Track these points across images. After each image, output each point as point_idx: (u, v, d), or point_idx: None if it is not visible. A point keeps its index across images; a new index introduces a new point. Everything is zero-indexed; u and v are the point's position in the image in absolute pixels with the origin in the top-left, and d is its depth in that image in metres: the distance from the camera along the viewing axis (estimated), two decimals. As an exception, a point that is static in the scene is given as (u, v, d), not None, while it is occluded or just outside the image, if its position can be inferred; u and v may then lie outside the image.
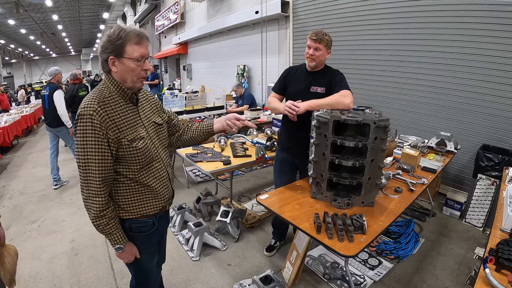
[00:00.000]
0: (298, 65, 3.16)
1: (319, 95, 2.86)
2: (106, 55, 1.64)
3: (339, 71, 3.03)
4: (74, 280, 3.23)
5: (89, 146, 1.59)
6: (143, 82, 1.78)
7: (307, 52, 2.90)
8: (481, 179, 3.97)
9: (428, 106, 4.95)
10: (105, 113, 1.61)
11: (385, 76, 5.50)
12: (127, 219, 1.84)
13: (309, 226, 2.18)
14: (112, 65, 1.65)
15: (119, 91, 1.71)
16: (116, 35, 1.62)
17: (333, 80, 2.88)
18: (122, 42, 1.61)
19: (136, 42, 1.64)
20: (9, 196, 5.57)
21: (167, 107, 7.04)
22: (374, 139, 2.23)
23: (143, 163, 1.77)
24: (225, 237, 3.86)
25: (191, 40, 13.92)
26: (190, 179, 5.88)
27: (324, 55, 2.90)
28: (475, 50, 4.26)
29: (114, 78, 1.70)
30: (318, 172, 2.52)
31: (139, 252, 1.95)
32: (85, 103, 1.59)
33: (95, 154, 1.61)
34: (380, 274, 3.15)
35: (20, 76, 42.92)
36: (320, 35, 2.84)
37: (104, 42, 1.64)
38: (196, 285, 3.11)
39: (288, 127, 3.15)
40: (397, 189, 2.77)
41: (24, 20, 24.92)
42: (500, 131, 4.19)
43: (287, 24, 7.85)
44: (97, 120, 1.57)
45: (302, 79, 3.01)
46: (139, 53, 1.65)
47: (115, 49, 1.62)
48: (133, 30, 1.65)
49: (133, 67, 1.66)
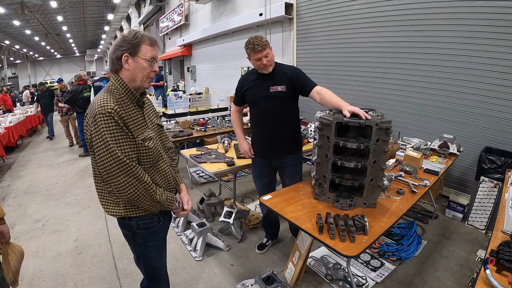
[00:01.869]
0: (248, 72, 3.18)
1: (280, 93, 2.92)
2: (120, 53, 1.71)
3: (293, 66, 3.05)
4: (78, 279, 3.26)
5: (117, 137, 1.64)
6: (150, 84, 1.85)
7: (259, 64, 2.86)
8: (483, 182, 3.96)
9: (431, 108, 4.95)
10: (121, 112, 1.67)
11: (388, 78, 5.50)
12: (135, 217, 1.87)
13: (312, 226, 2.20)
14: (125, 62, 1.72)
15: (127, 93, 1.76)
16: (132, 35, 1.72)
17: (296, 79, 2.90)
18: (138, 41, 1.71)
19: (149, 44, 1.76)
20: (13, 195, 5.61)
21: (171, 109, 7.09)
22: (376, 141, 2.25)
23: (152, 161, 1.84)
24: (228, 238, 3.87)
25: (195, 42, 13.92)
26: (194, 180, 5.89)
27: (273, 54, 2.91)
28: (478, 53, 4.25)
29: (121, 79, 1.75)
30: (320, 173, 2.53)
31: (148, 250, 2.03)
32: (101, 102, 1.64)
33: (127, 143, 1.68)
34: (382, 276, 3.16)
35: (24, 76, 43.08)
36: (260, 42, 2.79)
37: (119, 41, 1.73)
38: (199, 285, 3.12)
39: (259, 131, 3.19)
40: (399, 191, 2.78)
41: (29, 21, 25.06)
42: (503, 134, 4.18)
43: (291, 26, 7.86)
44: (117, 117, 1.64)
45: (258, 83, 3.01)
46: (151, 54, 1.76)
47: (130, 47, 1.71)
48: (147, 34, 1.78)
49: (145, 66, 1.74)
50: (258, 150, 3.26)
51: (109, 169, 1.65)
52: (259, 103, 3.01)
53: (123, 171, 1.66)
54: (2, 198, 5.44)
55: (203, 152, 4.33)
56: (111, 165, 1.64)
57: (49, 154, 8.63)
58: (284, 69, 2.98)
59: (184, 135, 5.49)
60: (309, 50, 7.36)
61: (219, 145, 4.65)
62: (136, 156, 1.74)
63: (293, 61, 7.78)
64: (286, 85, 2.90)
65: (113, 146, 1.62)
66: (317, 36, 7.03)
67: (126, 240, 2.06)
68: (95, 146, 1.66)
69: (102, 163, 1.66)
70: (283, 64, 3.07)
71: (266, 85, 2.94)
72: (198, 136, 5.78)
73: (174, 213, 2.08)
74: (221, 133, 6.15)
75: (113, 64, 1.76)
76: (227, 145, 4.52)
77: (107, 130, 1.61)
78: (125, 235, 2.03)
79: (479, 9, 4.16)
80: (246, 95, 3.11)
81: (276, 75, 2.94)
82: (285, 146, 3.11)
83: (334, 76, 6.58)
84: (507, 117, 4.11)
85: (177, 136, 5.38)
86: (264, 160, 3.26)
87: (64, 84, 9.51)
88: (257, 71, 2.98)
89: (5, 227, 2.28)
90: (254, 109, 3.15)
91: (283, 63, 3.10)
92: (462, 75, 4.48)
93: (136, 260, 2.15)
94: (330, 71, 6.68)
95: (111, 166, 1.65)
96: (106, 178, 1.71)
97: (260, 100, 2.99)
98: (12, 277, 2.31)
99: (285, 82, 2.90)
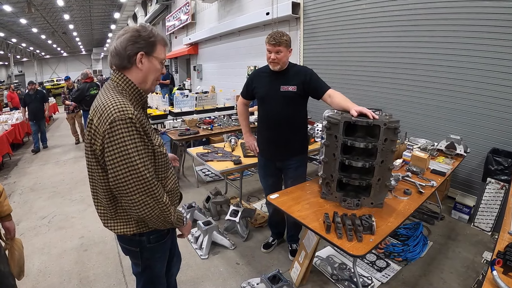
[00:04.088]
0: (262, 67, 3.15)
1: (290, 94, 2.90)
2: (136, 49, 1.54)
3: (307, 67, 3.04)
4: (83, 276, 3.28)
5: (140, 150, 1.46)
6: None
7: (268, 57, 2.87)
8: (490, 183, 3.95)
9: (438, 109, 4.93)
10: (140, 117, 1.50)
11: (396, 78, 5.48)
12: (146, 232, 1.72)
13: (319, 225, 2.20)
14: (139, 61, 1.56)
15: (135, 95, 1.60)
16: (148, 32, 1.56)
17: (309, 81, 2.88)
18: (154, 40, 1.58)
19: (163, 44, 1.64)
20: (19, 192, 5.65)
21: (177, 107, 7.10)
22: (384, 141, 2.25)
23: (165, 169, 1.70)
24: (234, 236, 3.88)
25: (202, 41, 13.94)
26: (200, 178, 5.91)
27: (286, 56, 2.88)
28: (485, 53, 4.23)
29: (130, 79, 1.58)
30: (328, 172, 2.53)
31: (154, 261, 1.87)
32: (119, 106, 1.43)
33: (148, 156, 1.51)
34: (387, 276, 3.16)
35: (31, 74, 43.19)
36: (278, 37, 2.79)
37: (133, 36, 1.53)
38: (205, 283, 3.14)
39: (265, 131, 3.18)
40: (406, 191, 2.78)
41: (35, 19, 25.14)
42: (510, 135, 4.16)
43: (297, 25, 7.86)
44: (138, 124, 1.46)
45: (270, 80, 3.00)
46: (164, 55, 1.65)
47: (147, 45, 1.56)
48: (160, 33, 1.63)
49: (158, 68, 1.63)
50: (263, 149, 3.27)
51: (126, 185, 1.44)
52: (268, 101, 3.00)
53: (143, 189, 1.46)
54: (9, 195, 5.46)
55: (209, 150, 4.33)
56: (129, 181, 1.44)
57: (55, 151, 8.67)
58: (298, 70, 2.97)
59: (190, 134, 5.50)
60: (315, 50, 7.36)
61: (225, 143, 4.65)
62: (154, 168, 1.57)
63: (300, 60, 7.77)
64: (298, 86, 2.88)
65: (136, 159, 1.43)
66: (323, 36, 7.02)
67: (129, 255, 1.89)
68: (109, 158, 1.42)
69: (117, 177, 1.43)
70: (297, 65, 3.07)
71: (277, 84, 2.93)
72: (204, 135, 5.78)
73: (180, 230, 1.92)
74: (228, 132, 6.14)
75: (121, 60, 1.55)
76: (234, 144, 4.52)
77: (129, 140, 1.42)
78: (128, 250, 1.83)
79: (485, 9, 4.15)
80: (255, 90, 3.11)
81: (288, 75, 2.93)
82: (290, 148, 3.10)
83: (340, 75, 6.58)
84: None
85: (184, 135, 5.39)
86: (269, 160, 3.26)
87: (71, 82, 9.52)
88: (270, 68, 2.96)
89: (11, 223, 2.32)
90: (262, 107, 3.14)
91: (296, 64, 3.09)
92: (469, 76, 4.46)
93: (138, 272, 1.93)
94: (337, 70, 6.68)
95: (129, 182, 1.44)
96: (118, 194, 1.50)
97: (269, 98, 2.99)
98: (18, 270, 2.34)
99: (297, 83, 2.88)
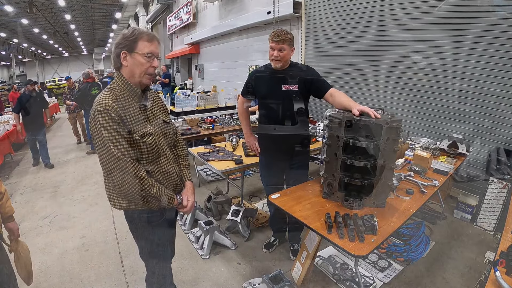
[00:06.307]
0: (263, 66, 3.14)
1: (291, 93, 2.89)
2: (119, 50, 1.79)
3: (308, 66, 3.03)
4: (85, 276, 3.27)
5: (113, 134, 1.69)
6: (150, 80, 1.92)
7: (271, 54, 2.86)
8: (492, 183, 3.93)
9: (440, 108, 4.90)
10: (118, 109, 1.72)
11: (398, 77, 5.45)
12: (136, 210, 1.92)
13: (320, 225, 2.19)
14: (123, 59, 1.80)
15: (128, 89, 1.83)
16: (130, 33, 1.80)
17: (311, 80, 2.87)
18: (134, 38, 1.78)
19: (147, 40, 1.80)
20: (21, 192, 5.65)
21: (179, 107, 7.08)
22: (386, 140, 2.23)
23: (151, 157, 1.87)
24: (235, 236, 3.87)
25: (203, 40, 13.96)
26: (201, 178, 5.91)
27: (289, 54, 2.87)
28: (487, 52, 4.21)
29: (123, 75, 1.84)
30: (329, 172, 2.52)
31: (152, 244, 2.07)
32: (100, 100, 1.71)
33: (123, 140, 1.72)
34: (389, 276, 3.14)
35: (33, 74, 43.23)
36: (282, 35, 2.79)
37: (118, 39, 1.82)
38: (206, 283, 3.13)
39: (266, 130, 3.16)
40: (408, 191, 2.76)
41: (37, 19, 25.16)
42: (512, 134, 4.15)
43: (299, 24, 7.84)
44: (114, 113, 1.69)
45: (271, 79, 2.98)
46: (149, 50, 1.81)
47: (127, 45, 1.78)
48: (146, 31, 1.84)
49: (142, 62, 1.80)
50: (264, 149, 3.26)
51: (106, 165, 1.72)
52: (269, 99, 2.99)
53: (118, 167, 1.71)
54: (10, 195, 5.43)
55: (211, 150, 4.32)
56: (107, 161, 1.71)
57: (57, 151, 8.67)
58: (299, 69, 2.96)
59: (192, 133, 5.49)
60: (317, 49, 7.34)
61: (227, 143, 4.64)
62: (134, 152, 1.78)
63: (301, 59, 7.76)
64: (299, 85, 2.87)
65: (108, 142, 1.68)
66: (325, 34, 7.02)
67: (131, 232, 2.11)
68: (94, 142, 1.74)
69: (100, 158, 1.74)
70: (299, 64, 3.05)
71: (279, 83, 2.91)
72: (206, 134, 5.78)
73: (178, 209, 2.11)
74: (229, 131, 6.13)
75: (114, 61, 1.85)
76: (235, 143, 4.50)
77: (103, 126, 1.67)
78: (129, 227, 2.07)
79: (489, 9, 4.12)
80: (256, 90, 3.10)
81: (290, 74, 2.91)
82: (292, 148, 3.07)
83: (342, 74, 6.55)
84: (517, 118, 4.07)
85: (185, 134, 5.38)
86: (271, 160, 3.25)
87: (72, 82, 9.52)
88: (271, 67, 2.94)
89: (14, 224, 2.32)
90: (263, 106, 3.12)
91: (298, 63, 3.08)
92: (471, 75, 4.44)
93: (139, 253, 2.16)
94: (338, 69, 6.65)
95: (107, 161, 1.71)
96: (104, 173, 1.79)
97: (270, 96, 2.97)
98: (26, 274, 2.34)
99: (298, 82, 2.87)
